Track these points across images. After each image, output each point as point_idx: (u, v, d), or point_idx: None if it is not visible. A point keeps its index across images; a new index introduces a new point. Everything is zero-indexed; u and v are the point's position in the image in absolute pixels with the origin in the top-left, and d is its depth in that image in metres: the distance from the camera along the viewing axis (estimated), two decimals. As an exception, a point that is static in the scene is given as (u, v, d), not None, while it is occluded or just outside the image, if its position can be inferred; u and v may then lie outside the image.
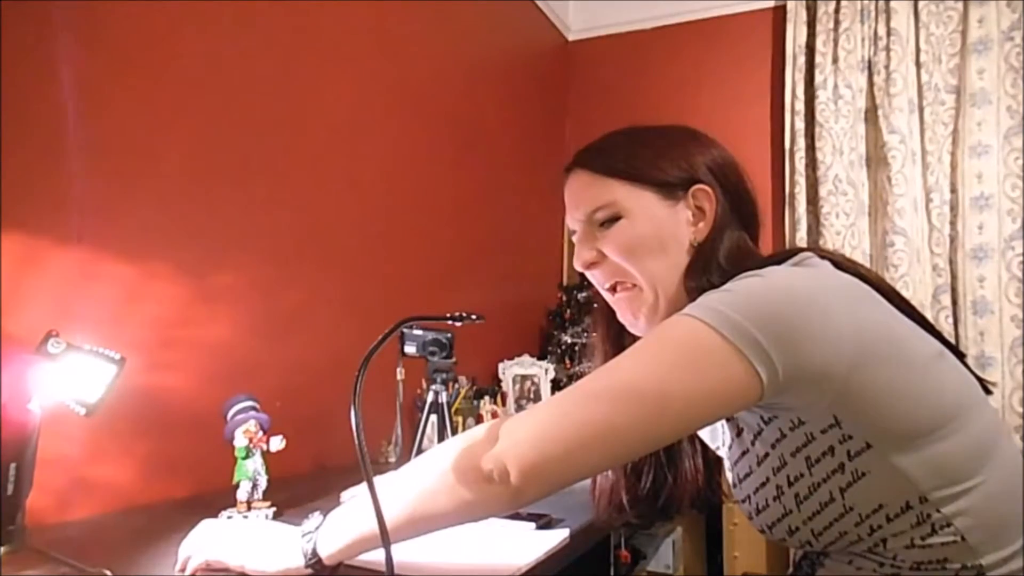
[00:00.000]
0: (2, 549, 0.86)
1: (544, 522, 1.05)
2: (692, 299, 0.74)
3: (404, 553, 0.84)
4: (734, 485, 0.87)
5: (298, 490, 1.25)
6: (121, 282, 1.20)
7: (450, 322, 0.83)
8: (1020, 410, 2.23)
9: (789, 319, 0.67)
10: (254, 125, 1.49)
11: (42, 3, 1.08)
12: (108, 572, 0.80)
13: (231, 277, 1.43)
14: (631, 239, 0.84)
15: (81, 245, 1.14)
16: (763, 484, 0.79)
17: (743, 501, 0.85)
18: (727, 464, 0.90)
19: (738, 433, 0.83)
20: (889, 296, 0.76)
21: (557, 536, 0.98)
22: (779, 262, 0.79)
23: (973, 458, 0.70)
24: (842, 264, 0.79)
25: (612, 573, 1.38)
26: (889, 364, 0.69)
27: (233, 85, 1.44)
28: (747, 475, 0.82)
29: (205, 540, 0.83)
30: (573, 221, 0.90)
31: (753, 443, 0.80)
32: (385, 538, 0.65)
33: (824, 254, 0.80)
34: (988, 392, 0.80)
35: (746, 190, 0.89)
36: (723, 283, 0.75)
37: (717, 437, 0.93)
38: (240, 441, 1.08)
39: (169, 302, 1.29)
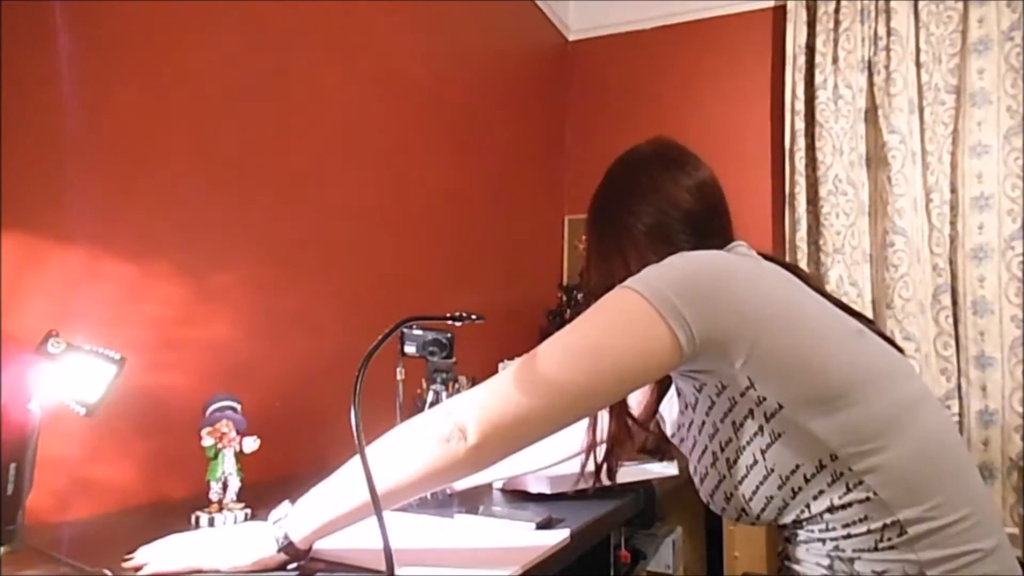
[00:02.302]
0: (2, 549, 0.86)
1: (544, 522, 1.05)
2: None
3: (404, 553, 0.84)
4: (688, 458, 0.94)
5: (298, 490, 1.24)
6: (121, 282, 1.20)
7: (450, 322, 0.84)
8: (1020, 410, 2.23)
9: (700, 287, 0.79)
10: (254, 125, 1.49)
11: (42, 3, 1.08)
12: (108, 572, 0.80)
13: (231, 277, 1.43)
14: None
15: (81, 245, 1.14)
16: (703, 452, 0.87)
17: (693, 473, 0.92)
18: (677, 440, 0.99)
19: (685, 408, 0.92)
20: (810, 284, 0.88)
21: (557, 536, 0.98)
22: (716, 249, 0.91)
23: (885, 423, 0.77)
24: (765, 255, 0.94)
25: (612, 573, 1.38)
26: (792, 333, 0.79)
27: (233, 84, 1.44)
28: (693, 446, 0.90)
29: (173, 551, 0.83)
30: None
31: (694, 413, 0.88)
32: (383, 530, 0.67)
33: (753, 248, 0.94)
34: (902, 351, 0.88)
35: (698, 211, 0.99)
36: None
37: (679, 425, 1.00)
38: (207, 441, 1.07)
39: (169, 302, 1.29)
